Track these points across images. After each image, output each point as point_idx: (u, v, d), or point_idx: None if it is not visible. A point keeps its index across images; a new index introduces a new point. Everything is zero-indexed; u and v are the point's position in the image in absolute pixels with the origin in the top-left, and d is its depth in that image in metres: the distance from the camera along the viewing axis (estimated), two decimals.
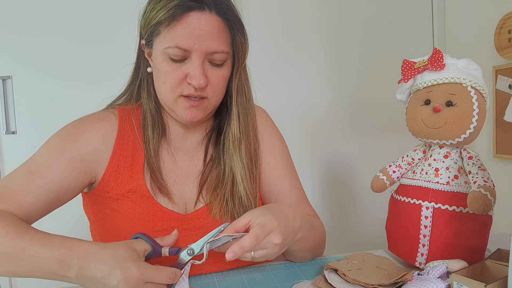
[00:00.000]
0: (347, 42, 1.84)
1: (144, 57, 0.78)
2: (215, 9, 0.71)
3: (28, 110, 1.52)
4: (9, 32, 1.49)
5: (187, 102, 0.73)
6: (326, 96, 1.83)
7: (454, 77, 0.69)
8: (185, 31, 0.69)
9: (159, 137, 0.79)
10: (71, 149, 0.73)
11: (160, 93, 0.76)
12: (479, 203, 0.61)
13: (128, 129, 0.79)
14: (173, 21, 0.69)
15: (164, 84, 0.73)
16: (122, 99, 0.84)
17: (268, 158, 0.86)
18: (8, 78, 1.50)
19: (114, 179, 0.75)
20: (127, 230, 0.73)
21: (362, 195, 1.87)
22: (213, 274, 0.75)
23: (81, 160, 0.73)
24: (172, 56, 0.70)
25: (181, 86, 0.72)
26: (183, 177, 0.81)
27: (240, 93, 0.80)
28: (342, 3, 1.82)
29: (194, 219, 0.78)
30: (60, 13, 1.52)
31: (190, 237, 0.75)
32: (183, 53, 0.70)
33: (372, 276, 0.66)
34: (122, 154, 0.77)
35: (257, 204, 0.82)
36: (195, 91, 0.72)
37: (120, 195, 0.75)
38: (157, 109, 0.80)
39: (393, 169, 0.79)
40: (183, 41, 0.69)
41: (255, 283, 0.71)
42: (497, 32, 1.55)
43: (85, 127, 0.77)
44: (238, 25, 0.75)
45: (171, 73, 0.71)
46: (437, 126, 0.69)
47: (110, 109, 0.82)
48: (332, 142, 1.85)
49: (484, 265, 0.63)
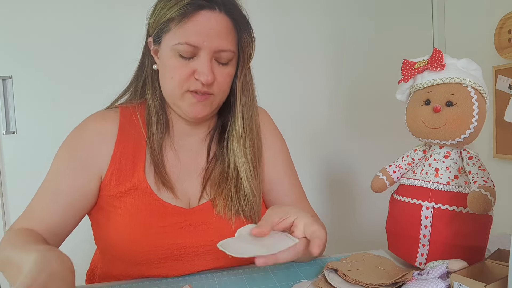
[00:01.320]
0: (347, 42, 1.83)
1: (150, 55, 0.80)
2: (224, 9, 0.73)
3: (28, 110, 1.52)
4: (9, 32, 1.49)
5: (194, 97, 0.74)
6: (326, 96, 1.83)
7: (454, 77, 0.69)
8: (195, 28, 0.71)
9: (163, 132, 0.80)
10: (73, 158, 0.77)
11: (167, 88, 0.77)
12: (479, 203, 0.61)
13: (129, 127, 0.80)
14: (184, 18, 0.71)
15: (172, 79, 0.74)
16: (126, 95, 0.85)
17: (269, 157, 0.87)
18: (8, 78, 1.50)
19: (116, 178, 0.76)
20: (130, 227, 0.73)
21: (362, 195, 1.87)
22: (213, 274, 0.75)
23: (83, 168, 0.76)
24: (181, 53, 0.72)
25: (188, 82, 0.73)
26: (187, 173, 0.81)
27: (245, 92, 0.81)
28: (342, 3, 1.82)
29: (198, 214, 0.78)
30: (60, 13, 1.52)
31: (193, 233, 0.75)
32: (193, 49, 0.72)
33: (372, 276, 0.66)
34: (124, 152, 0.77)
35: (261, 200, 0.83)
36: (202, 87, 0.73)
37: (122, 193, 0.75)
38: (162, 105, 0.81)
39: (393, 169, 0.79)
40: (193, 38, 0.71)
41: (255, 283, 0.71)
42: (497, 32, 1.55)
43: (85, 132, 0.79)
44: (245, 26, 0.78)
45: (179, 68, 0.73)
46: (437, 126, 0.69)
47: (112, 108, 0.83)
48: (332, 142, 1.85)
49: (484, 265, 0.63)
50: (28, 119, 1.52)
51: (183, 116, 0.80)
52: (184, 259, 0.76)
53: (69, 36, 1.53)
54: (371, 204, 1.84)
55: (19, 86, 1.51)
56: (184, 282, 0.72)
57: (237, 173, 0.80)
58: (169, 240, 0.74)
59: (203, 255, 0.77)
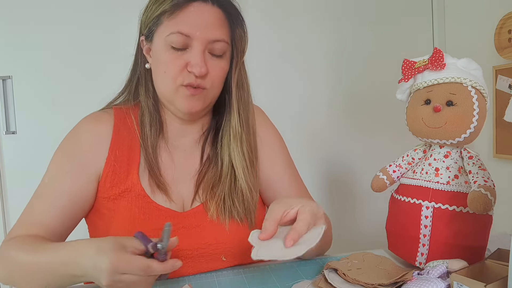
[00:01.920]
0: (347, 42, 1.83)
1: (143, 54, 0.79)
2: (217, 2, 0.74)
3: (28, 110, 1.52)
4: (9, 32, 1.48)
5: (188, 90, 0.73)
6: (326, 96, 1.83)
7: (455, 76, 0.69)
8: (187, 18, 0.71)
9: (156, 134, 0.80)
10: (70, 161, 0.76)
11: (160, 84, 0.76)
12: (479, 203, 0.61)
13: (123, 129, 0.80)
14: (176, 10, 0.72)
15: (165, 73, 0.74)
16: (121, 97, 0.85)
17: (267, 154, 0.87)
18: (8, 78, 1.50)
19: (110, 180, 0.76)
20: (124, 229, 0.73)
21: (362, 195, 1.86)
22: (213, 274, 0.75)
23: (82, 168, 0.76)
24: (173, 44, 0.72)
25: (181, 75, 0.73)
26: (181, 175, 0.81)
27: (240, 87, 0.81)
28: (342, 4, 1.82)
29: (191, 217, 0.78)
30: (60, 13, 1.52)
31: (186, 236, 0.75)
32: (185, 39, 0.71)
33: (372, 275, 0.66)
34: (118, 154, 0.77)
35: (257, 198, 0.82)
36: (195, 80, 0.72)
37: (116, 195, 0.75)
38: (155, 106, 0.81)
39: (393, 169, 0.79)
40: (185, 27, 0.71)
41: (255, 283, 0.71)
42: (497, 32, 1.55)
43: (80, 135, 0.78)
44: (238, 19, 0.78)
45: (172, 61, 0.73)
46: (437, 125, 0.69)
47: (106, 109, 0.83)
48: (332, 142, 1.84)
49: (484, 265, 0.63)
50: (28, 119, 1.52)
51: (176, 114, 0.79)
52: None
53: (69, 36, 1.53)
54: (371, 204, 1.84)
55: (19, 86, 1.51)
56: (184, 282, 0.72)
57: (233, 172, 0.80)
58: None
59: (197, 257, 0.76)
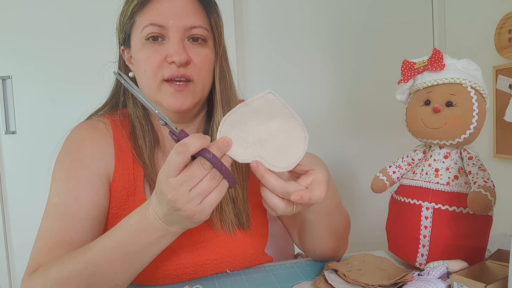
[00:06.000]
0: (347, 42, 1.83)
1: (125, 65, 0.78)
2: None
3: (28, 110, 1.52)
4: (9, 32, 1.49)
5: (171, 86, 0.70)
6: (326, 97, 1.83)
7: (454, 77, 0.69)
8: (159, 9, 0.70)
9: (152, 145, 0.75)
10: (84, 171, 0.71)
11: (144, 85, 0.72)
12: (479, 203, 0.61)
13: (122, 140, 0.76)
14: (146, 4, 0.70)
15: (145, 72, 0.71)
16: (107, 107, 0.81)
17: None
18: (8, 78, 1.50)
19: (123, 203, 0.72)
20: None
21: (362, 196, 1.87)
22: (213, 275, 0.75)
23: (98, 176, 0.71)
24: (148, 37, 0.70)
25: (162, 69, 0.69)
26: None
27: (222, 80, 0.76)
28: (342, 3, 1.82)
29: (194, 234, 0.74)
30: (60, 13, 1.52)
31: (191, 254, 0.73)
32: (159, 30, 0.69)
33: (372, 276, 0.66)
34: (125, 167, 0.73)
35: (247, 200, 0.77)
36: (178, 70, 0.69)
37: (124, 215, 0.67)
38: (146, 116, 0.77)
39: (393, 170, 0.79)
40: (157, 17, 0.69)
41: (255, 284, 0.71)
42: (497, 32, 1.55)
43: (84, 143, 0.73)
44: (212, 6, 0.75)
45: (149, 57, 0.70)
46: (437, 126, 0.69)
47: (100, 118, 0.78)
48: (332, 142, 1.84)
49: (484, 265, 0.63)
50: (28, 119, 1.52)
51: (167, 116, 0.74)
52: (183, 278, 0.73)
53: (70, 37, 1.53)
54: (371, 205, 1.84)
55: (19, 86, 1.51)
56: (184, 282, 0.72)
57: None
58: (167, 261, 0.72)
59: (202, 273, 0.74)
